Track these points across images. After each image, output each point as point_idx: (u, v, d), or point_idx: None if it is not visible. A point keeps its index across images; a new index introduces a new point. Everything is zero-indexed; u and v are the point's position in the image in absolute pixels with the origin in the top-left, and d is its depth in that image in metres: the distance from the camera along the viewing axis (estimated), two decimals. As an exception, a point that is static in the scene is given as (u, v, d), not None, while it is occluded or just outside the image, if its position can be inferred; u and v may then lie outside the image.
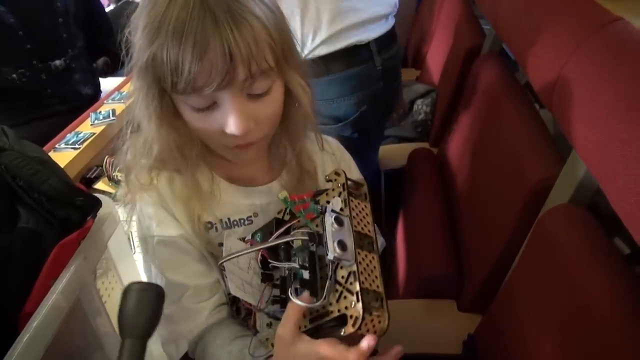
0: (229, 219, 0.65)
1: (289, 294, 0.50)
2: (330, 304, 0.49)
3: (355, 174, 0.77)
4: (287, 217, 0.61)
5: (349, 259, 0.49)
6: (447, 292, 1.07)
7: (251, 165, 0.68)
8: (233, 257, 0.56)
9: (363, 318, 0.46)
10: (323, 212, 0.54)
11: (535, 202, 0.80)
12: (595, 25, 0.63)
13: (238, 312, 0.68)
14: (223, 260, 0.57)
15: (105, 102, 1.52)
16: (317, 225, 0.56)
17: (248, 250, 0.56)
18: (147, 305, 0.43)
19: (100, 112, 1.44)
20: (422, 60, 2.14)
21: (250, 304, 0.58)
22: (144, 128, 0.58)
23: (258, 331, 0.59)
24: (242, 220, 0.66)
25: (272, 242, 0.56)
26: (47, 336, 0.46)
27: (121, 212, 1.20)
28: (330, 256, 0.49)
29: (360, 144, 1.27)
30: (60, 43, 1.57)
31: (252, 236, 0.62)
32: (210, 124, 0.54)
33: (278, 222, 0.61)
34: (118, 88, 1.61)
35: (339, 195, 0.55)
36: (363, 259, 0.50)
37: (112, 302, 0.66)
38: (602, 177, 0.53)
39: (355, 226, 0.52)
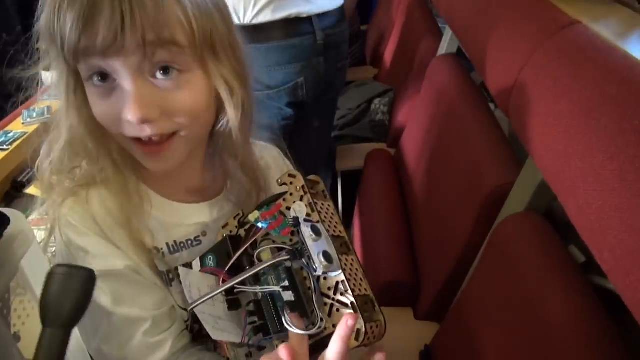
0: (175, 241, 0.58)
1: (286, 325, 0.45)
2: (322, 319, 0.45)
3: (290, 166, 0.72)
4: (242, 232, 0.55)
5: (335, 270, 0.45)
6: (403, 299, 1.04)
7: (191, 179, 0.61)
8: (205, 300, 0.49)
9: (365, 329, 0.43)
10: (297, 225, 0.49)
11: (491, 209, 0.79)
12: (552, 29, 0.61)
13: (200, 332, 0.60)
14: (192, 307, 0.49)
15: (40, 98, 1.41)
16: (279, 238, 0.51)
17: (222, 288, 0.49)
18: (73, 290, 0.38)
19: (34, 109, 1.32)
20: (380, 58, 2.12)
21: (233, 343, 0.51)
22: (62, 125, 0.52)
23: None
24: (189, 242, 0.59)
25: (254, 270, 0.48)
26: None
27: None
28: (319, 271, 0.45)
29: (298, 122, 1.31)
30: None
31: (202, 261, 0.55)
32: (110, 108, 0.48)
33: (233, 240, 0.54)
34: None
35: (301, 200, 0.50)
36: (346, 265, 0.47)
37: (29, 328, 0.58)
38: (560, 190, 0.51)
39: (327, 230, 0.48)
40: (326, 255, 0.45)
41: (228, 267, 0.51)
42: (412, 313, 1.03)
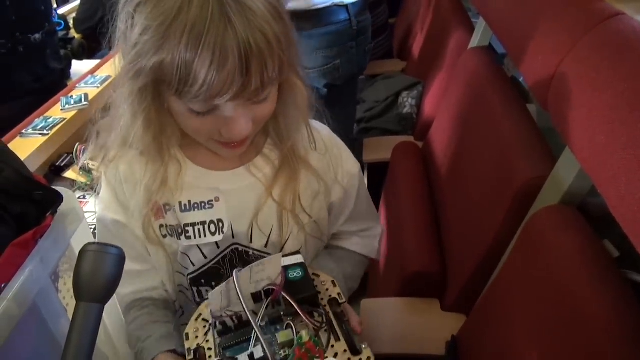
0: (189, 201, 0.64)
1: None
2: None
3: (347, 158, 0.75)
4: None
5: None
6: (430, 290, 1.05)
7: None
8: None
9: None
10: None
11: (524, 202, 0.78)
12: (595, 20, 0.60)
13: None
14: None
15: (77, 85, 1.45)
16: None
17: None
18: (105, 267, 0.41)
19: (71, 96, 1.37)
20: (409, 52, 2.11)
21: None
22: (128, 121, 0.58)
23: None
24: (202, 204, 0.64)
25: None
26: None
27: (91, 206, 1.14)
28: None
29: (331, 99, 1.41)
30: (39, 16, 1.55)
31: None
32: (207, 125, 0.54)
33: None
34: (92, 72, 1.54)
35: None
36: None
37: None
38: (601, 182, 0.50)
39: None
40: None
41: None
42: (439, 304, 1.04)
